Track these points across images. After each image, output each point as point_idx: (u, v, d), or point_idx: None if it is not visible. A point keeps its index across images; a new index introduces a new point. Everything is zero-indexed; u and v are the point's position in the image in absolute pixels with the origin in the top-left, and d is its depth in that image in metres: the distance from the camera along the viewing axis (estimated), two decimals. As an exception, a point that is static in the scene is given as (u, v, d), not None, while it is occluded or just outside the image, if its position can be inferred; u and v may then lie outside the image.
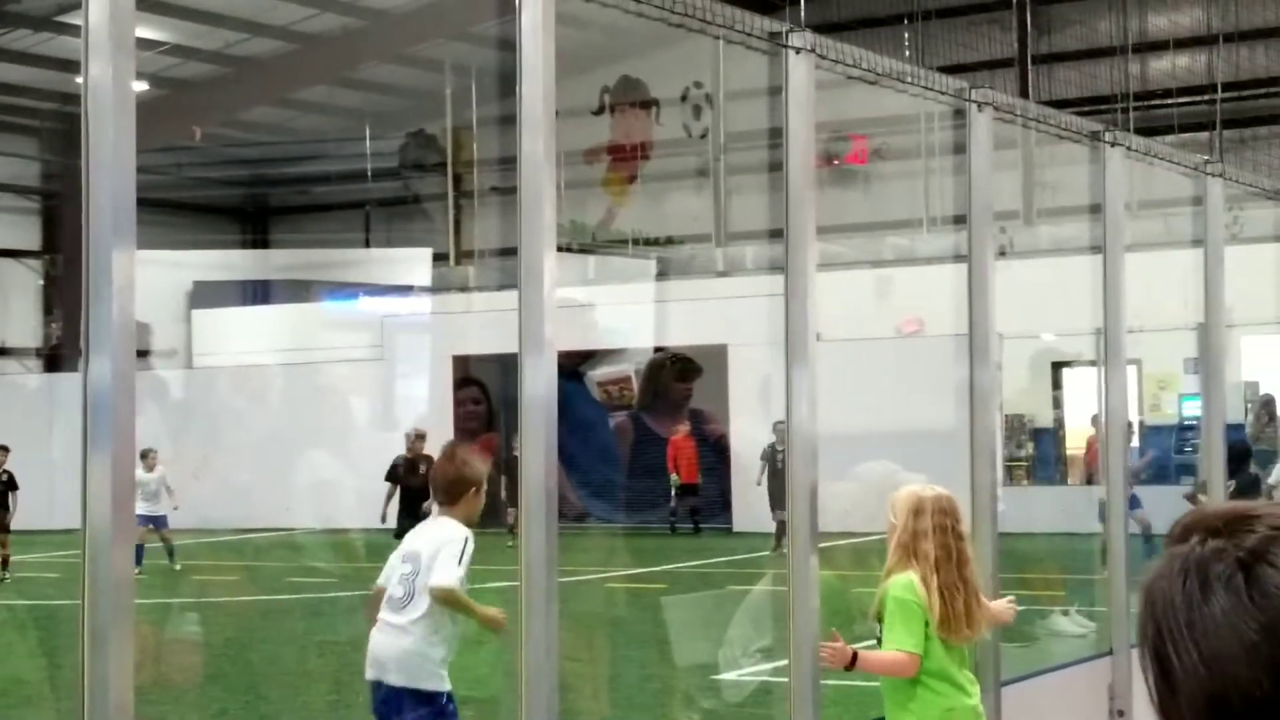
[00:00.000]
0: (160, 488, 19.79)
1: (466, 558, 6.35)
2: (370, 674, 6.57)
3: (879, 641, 5.59)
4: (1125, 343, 7.47)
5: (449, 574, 6.31)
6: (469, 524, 6.50)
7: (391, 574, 6.55)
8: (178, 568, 19.88)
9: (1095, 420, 21.78)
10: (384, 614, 6.49)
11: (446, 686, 6.45)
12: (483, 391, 27.49)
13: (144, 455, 19.72)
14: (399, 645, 6.41)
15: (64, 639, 14.14)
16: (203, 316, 30.81)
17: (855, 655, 5.50)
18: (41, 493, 23.62)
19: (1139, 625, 1.59)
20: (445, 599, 6.32)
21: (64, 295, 31.69)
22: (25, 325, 32.21)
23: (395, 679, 6.42)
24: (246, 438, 26.96)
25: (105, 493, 3.41)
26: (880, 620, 5.60)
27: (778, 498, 21.67)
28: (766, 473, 21.74)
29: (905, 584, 5.55)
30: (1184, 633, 1.55)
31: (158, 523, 19.80)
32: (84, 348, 3.46)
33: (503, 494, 22.15)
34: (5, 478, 20.10)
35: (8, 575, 19.67)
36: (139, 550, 19.14)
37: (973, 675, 5.69)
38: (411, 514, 19.05)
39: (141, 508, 19.19)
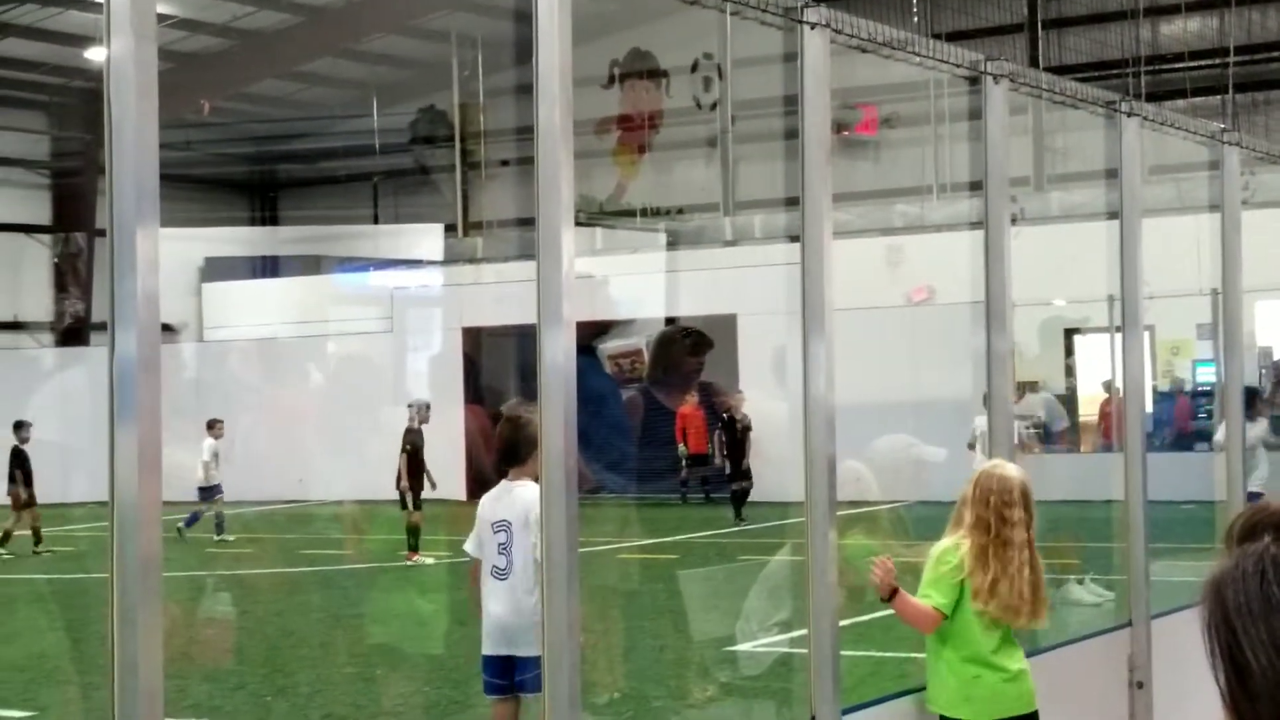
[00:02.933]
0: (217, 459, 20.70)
1: None
2: (494, 649, 6.63)
3: None
4: (1142, 310, 7.46)
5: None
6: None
7: (484, 545, 6.66)
8: (231, 537, 20.42)
9: (1109, 385, 21.86)
10: (492, 587, 6.59)
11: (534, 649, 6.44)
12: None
13: (211, 425, 21.00)
14: (524, 612, 6.46)
15: (81, 612, 14.19)
16: (213, 290, 30.85)
17: (896, 591, 5.57)
18: (55, 467, 23.69)
19: (1206, 624, 1.53)
20: None
21: (76, 270, 31.72)
22: (37, 300, 32.24)
23: (528, 650, 6.42)
24: (258, 411, 27.04)
25: (132, 468, 3.40)
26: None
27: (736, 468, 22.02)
28: (724, 442, 22.13)
29: (948, 546, 5.64)
30: (1264, 634, 1.49)
31: (213, 492, 20.65)
32: (110, 324, 3.45)
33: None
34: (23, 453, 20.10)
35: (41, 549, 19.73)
36: (194, 518, 20.33)
37: (1011, 648, 5.70)
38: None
39: (205, 478, 20.45)
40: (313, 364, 28.42)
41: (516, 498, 6.65)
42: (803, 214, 5.48)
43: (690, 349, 25.95)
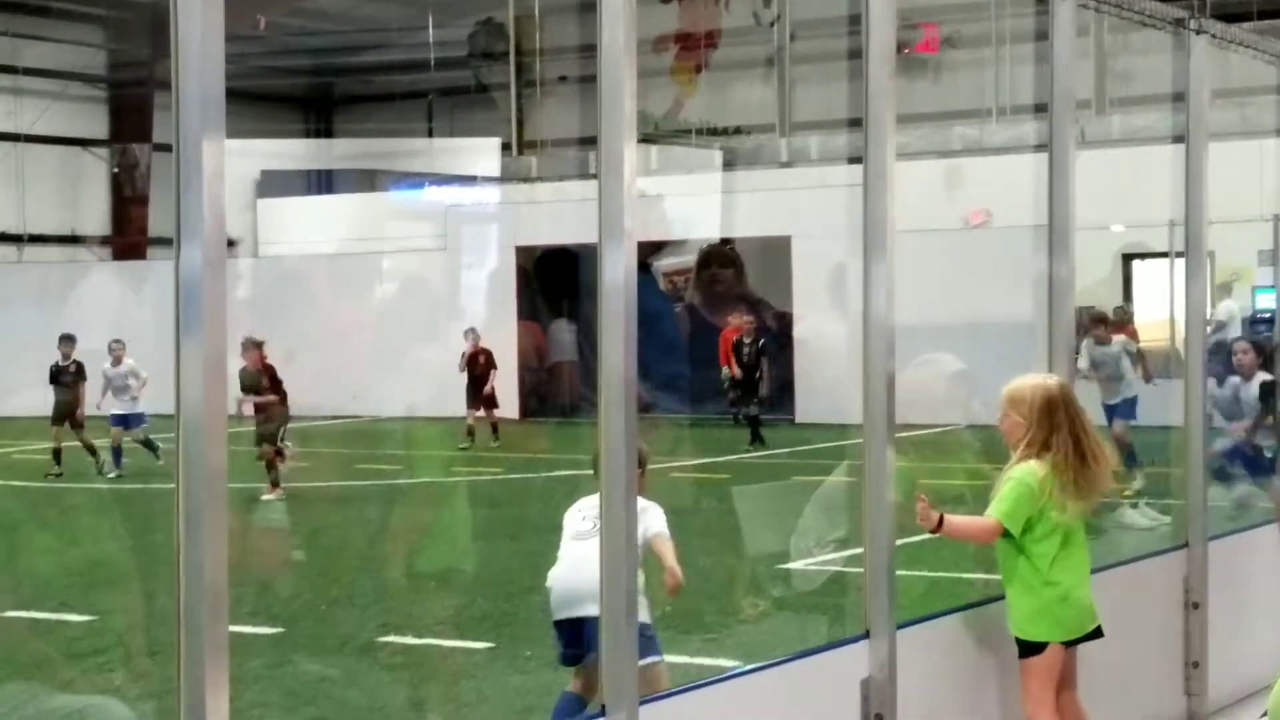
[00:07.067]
0: (129, 382, 18.82)
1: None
2: (564, 614, 6.44)
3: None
4: (1206, 235, 7.39)
5: (661, 524, 6.48)
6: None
7: (576, 514, 6.56)
8: (160, 461, 18.46)
9: (1118, 310, 22.00)
10: (571, 549, 6.46)
11: (647, 617, 6.24)
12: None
13: (110, 348, 19.04)
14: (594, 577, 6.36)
15: (143, 522, 14.41)
16: (268, 206, 30.97)
17: (941, 519, 5.60)
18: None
19: None
20: (656, 545, 6.38)
21: (135, 183, 31.89)
22: (95, 213, 32.46)
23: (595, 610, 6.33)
24: (312, 327, 27.20)
25: (197, 379, 3.44)
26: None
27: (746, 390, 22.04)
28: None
29: (1029, 469, 5.65)
30: None
31: (128, 422, 18.81)
32: (175, 236, 3.48)
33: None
34: (74, 368, 19.22)
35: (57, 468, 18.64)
36: (116, 453, 18.67)
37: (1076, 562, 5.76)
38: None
39: (114, 405, 18.72)
40: (367, 280, 28.56)
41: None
42: (866, 134, 5.45)
43: (720, 264, 25.87)
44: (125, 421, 18.76)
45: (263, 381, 16.78)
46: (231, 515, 3.50)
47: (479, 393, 22.16)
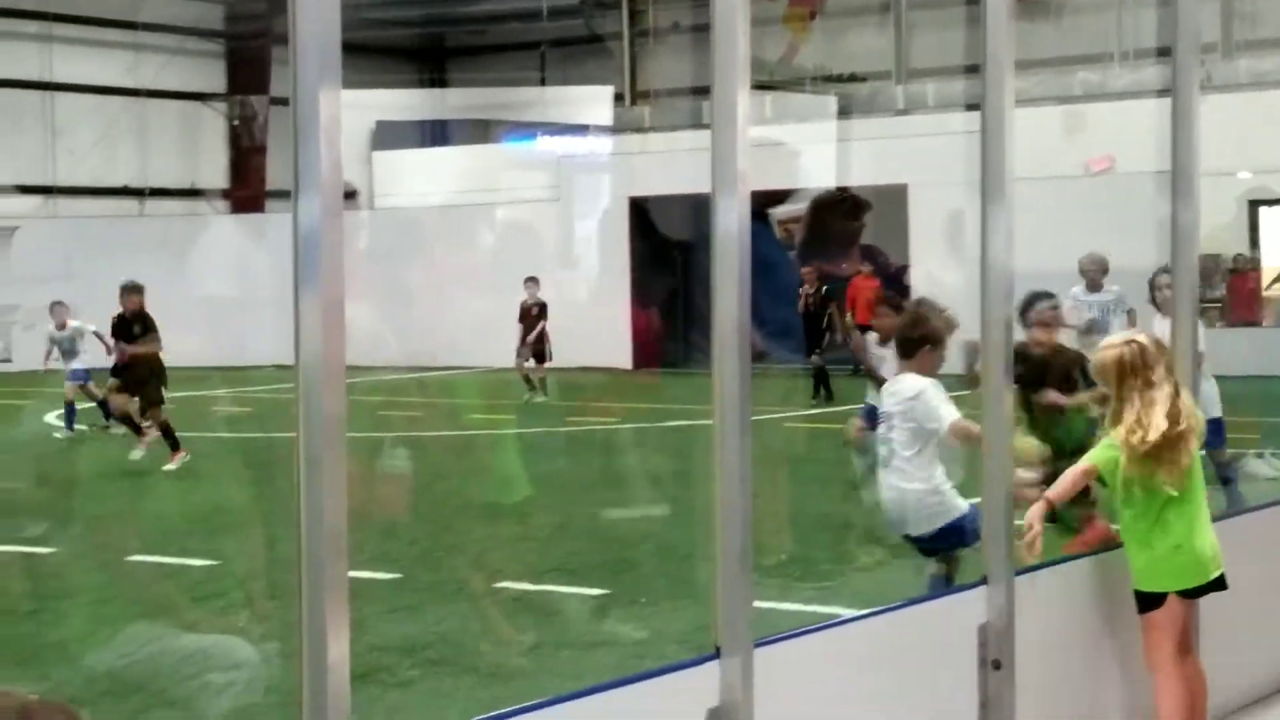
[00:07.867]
0: (77, 344, 17.84)
1: (944, 395, 6.79)
2: (898, 533, 7.15)
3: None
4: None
5: (950, 414, 6.72)
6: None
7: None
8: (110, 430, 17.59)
9: (1239, 259, 21.38)
10: (882, 477, 7.00)
11: (963, 506, 6.83)
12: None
13: (51, 310, 18.15)
14: (907, 498, 6.89)
15: (260, 470, 14.64)
16: (383, 158, 31.22)
17: (1048, 502, 5.62)
18: (233, 330, 24.34)
19: None
20: (958, 434, 6.67)
21: (253, 135, 32.28)
22: (214, 167, 32.92)
23: (920, 529, 6.92)
24: (427, 278, 27.43)
25: (316, 329, 3.48)
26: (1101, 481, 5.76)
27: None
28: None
29: (1110, 443, 5.65)
30: None
31: (79, 376, 17.88)
32: (294, 187, 3.50)
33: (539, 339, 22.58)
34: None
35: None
36: (69, 410, 17.77)
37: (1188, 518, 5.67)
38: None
39: (72, 361, 17.78)
40: (482, 231, 28.74)
41: (896, 389, 6.98)
42: (984, 78, 5.38)
43: (848, 213, 25.61)
44: (81, 376, 17.93)
45: (135, 329, 15.93)
46: (352, 462, 3.55)
47: (530, 343, 22.14)
